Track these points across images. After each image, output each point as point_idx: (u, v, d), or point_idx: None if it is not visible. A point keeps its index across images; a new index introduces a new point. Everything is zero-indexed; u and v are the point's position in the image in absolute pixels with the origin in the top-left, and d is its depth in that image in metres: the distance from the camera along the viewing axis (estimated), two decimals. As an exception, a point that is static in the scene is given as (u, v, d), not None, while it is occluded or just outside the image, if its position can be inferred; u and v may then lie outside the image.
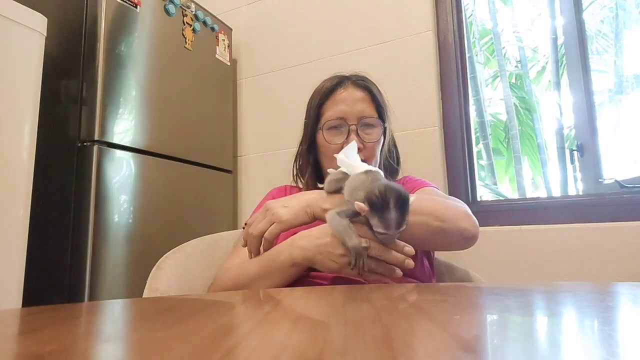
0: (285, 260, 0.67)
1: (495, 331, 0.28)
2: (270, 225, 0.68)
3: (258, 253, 0.70)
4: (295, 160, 0.98)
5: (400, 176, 0.99)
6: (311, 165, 0.94)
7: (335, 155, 0.72)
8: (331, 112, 0.87)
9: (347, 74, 0.93)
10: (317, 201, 0.69)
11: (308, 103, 0.94)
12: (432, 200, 0.72)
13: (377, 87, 0.92)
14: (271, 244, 0.69)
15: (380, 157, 0.91)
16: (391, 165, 0.95)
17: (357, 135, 0.85)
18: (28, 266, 0.96)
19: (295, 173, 0.98)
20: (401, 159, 0.99)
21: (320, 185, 0.94)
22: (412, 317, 0.31)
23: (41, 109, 1.02)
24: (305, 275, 0.74)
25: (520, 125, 6.92)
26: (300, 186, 0.97)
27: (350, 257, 0.61)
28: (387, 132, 0.91)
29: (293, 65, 1.70)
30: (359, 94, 0.89)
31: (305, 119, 0.94)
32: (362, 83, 0.90)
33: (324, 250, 0.64)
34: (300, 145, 0.96)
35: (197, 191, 1.48)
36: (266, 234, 0.68)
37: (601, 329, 0.28)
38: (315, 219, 0.69)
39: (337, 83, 0.90)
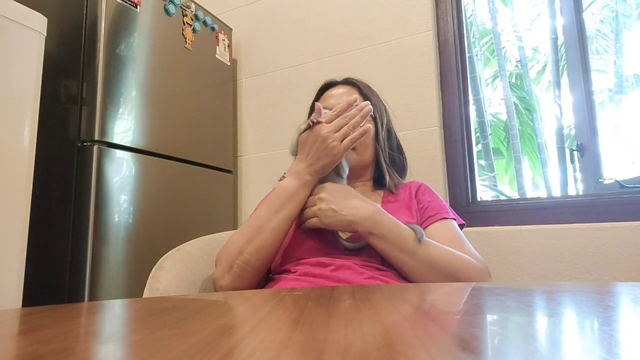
0: (296, 184, 0.76)
1: (495, 331, 0.28)
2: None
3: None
4: None
5: (408, 178, 1.00)
6: None
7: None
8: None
9: (335, 78, 1.00)
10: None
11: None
12: (450, 255, 0.74)
13: (368, 85, 0.97)
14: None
15: (379, 150, 0.92)
16: (398, 162, 0.96)
17: None
18: (28, 266, 0.96)
19: None
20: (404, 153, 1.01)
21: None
22: (412, 317, 0.31)
23: (41, 109, 1.03)
24: (306, 273, 0.74)
25: (520, 125, 6.92)
26: None
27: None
28: (379, 124, 0.92)
29: (293, 65, 1.70)
30: (346, 89, 0.95)
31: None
32: (350, 80, 0.97)
33: (316, 158, 0.76)
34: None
35: (197, 191, 1.48)
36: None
37: (601, 329, 0.28)
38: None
39: (326, 84, 0.99)
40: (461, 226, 0.89)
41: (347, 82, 0.98)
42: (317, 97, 0.99)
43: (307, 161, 0.76)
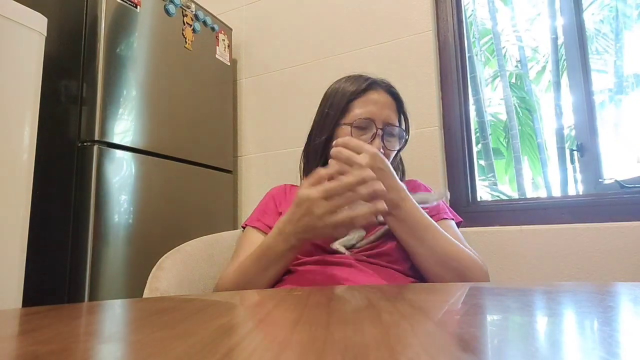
0: (283, 248, 0.70)
1: (495, 331, 0.28)
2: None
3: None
4: (306, 156, 0.95)
5: (408, 177, 1.00)
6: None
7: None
8: (361, 110, 0.85)
9: (374, 77, 0.91)
10: None
11: (330, 94, 0.91)
12: (463, 252, 0.74)
13: (403, 101, 0.93)
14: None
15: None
16: (397, 168, 0.97)
17: (382, 140, 0.84)
18: (28, 266, 0.96)
19: (302, 170, 0.96)
20: (402, 159, 1.01)
21: None
22: (412, 317, 0.31)
23: (41, 109, 1.03)
24: (306, 272, 0.74)
25: (520, 125, 6.93)
26: None
27: (330, 217, 0.63)
28: (405, 143, 0.92)
29: (293, 65, 1.70)
30: (389, 100, 0.89)
31: (327, 109, 0.89)
32: (393, 91, 0.91)
33: (310, 225, 0.65)
34: (313, 138, 0.92)
35: (197, 191, 1.48)
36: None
37: (601, 329, 0.28)
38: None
39: (371, 83, 0.89)
40: (458, 224, 0.89)
41: (391, 92, 0.90)
42: (356, 95, 0.87)
43: (295, 228, 0.68)
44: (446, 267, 0.72)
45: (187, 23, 1.50)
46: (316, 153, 0.90)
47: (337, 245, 0.78)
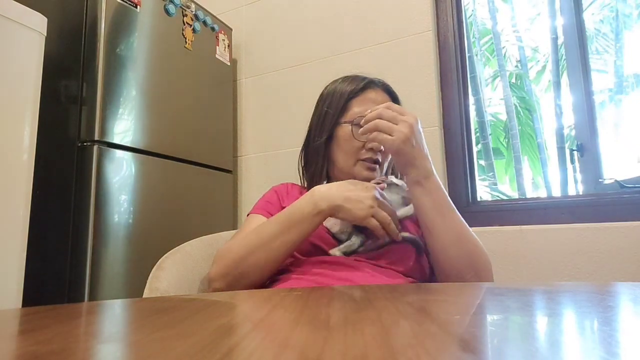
0: (309, 211, 0.71)
1: (495, 331, 0.28)
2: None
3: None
4: (305, 156, 0.94)
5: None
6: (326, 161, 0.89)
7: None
8: (360, 108, 0.85)
9: (371, 77, 0.92)
10: None
11: (327, 95, 0.91)
12: (479, 245, 0.77)
13: (397, 97, 0.93)
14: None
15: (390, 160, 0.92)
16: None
17: None
18: (28, 266, 0.96)
19: (303, 171, 0.95)
20: None
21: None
22: (412, 317, 0.31)
23: (41, 109, 1.02)
24: (306, 272, 0.74)
25: (520, 125, 6.93)
26: (305, 185, 0.96)
27: (376, 208, 0.71)
28: None
29: (293, 65, 1.70)
30: (386, 98, 0.90)
31: (326, 109, 0.89)
32: (390, 89, 0.92)
33: (353, 199, 0.71)
34: (312, 139, 0.91)
35: (197, 191, 1.48)
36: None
37: (601, 329, 0.28)
38: None
39: (368, 82, 0.90)
40: None
41: (388, 90, 0.92)
42: (355, 94, 0.88)
43: (332, 194, 0.72)
44: (461, 249, 0.72)
45: (187, 23, 1.50)
46: (317, 153, 0.89)
47: (336, 252, 0.77)
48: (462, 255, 0.72)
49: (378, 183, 0.80)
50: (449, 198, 0.75)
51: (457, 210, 0.76)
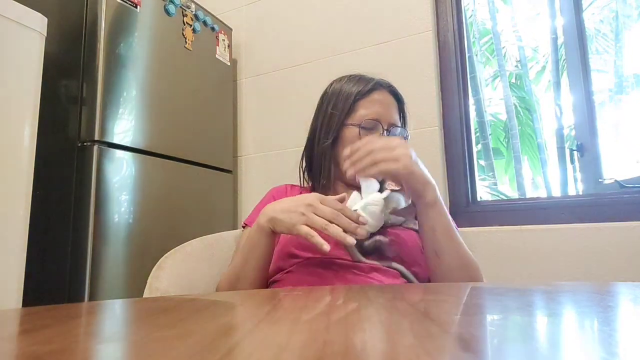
0: (255, 231, 0.72)
1: (495, 331, 0.28)
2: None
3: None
4: (309, 157, 0.92)
5: None
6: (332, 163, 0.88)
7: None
8: (368, 110, 0.85)
9: (376, 78, 0.91)
10: None
11: (332, 95, 0.89)
12: (475, 265, 0.75)
13: (404, 102, 0.94)
14: None
15: None
16: None
17: None
18: (28, 266, 0.96)
19: (305, 173, 0.94)
20: None
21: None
22: (412, 317, 0.31)
23: (41, 109, 1.02)
24: (307, 271, 0.74)
25: (520, 125, 6.93)
26: (305, 185, 0.94)
27: (308, 215, 0.66)
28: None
29: (293, 65, 1.70)
30: (392, 100, 0.90)
31: (331, 109, 0.87)
32: (395, 91, 0.92)
33: (286, 209, 0.69)
34: (318, 140, 0.88)
35: (197, 191, 1.48)
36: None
37: (601, 329, 0.28)
38: None
39: (375, 84, 0.89)
40: None
41: (393, 92, 0.91)
42: (362, 95, 0.87)
43: (277, 207, 0.70)
44: (467, 274, 0.72)
45: (187, 23, 1.50)
46: (324, 155, 0.87)
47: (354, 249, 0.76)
48: (465, 280, 0.72)
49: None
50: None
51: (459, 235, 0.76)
